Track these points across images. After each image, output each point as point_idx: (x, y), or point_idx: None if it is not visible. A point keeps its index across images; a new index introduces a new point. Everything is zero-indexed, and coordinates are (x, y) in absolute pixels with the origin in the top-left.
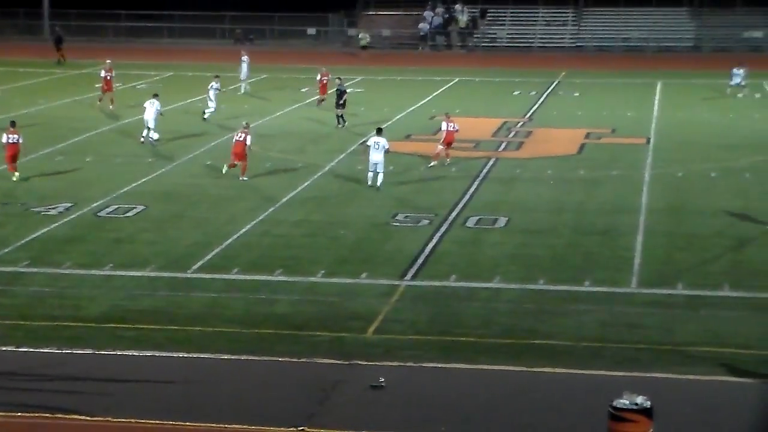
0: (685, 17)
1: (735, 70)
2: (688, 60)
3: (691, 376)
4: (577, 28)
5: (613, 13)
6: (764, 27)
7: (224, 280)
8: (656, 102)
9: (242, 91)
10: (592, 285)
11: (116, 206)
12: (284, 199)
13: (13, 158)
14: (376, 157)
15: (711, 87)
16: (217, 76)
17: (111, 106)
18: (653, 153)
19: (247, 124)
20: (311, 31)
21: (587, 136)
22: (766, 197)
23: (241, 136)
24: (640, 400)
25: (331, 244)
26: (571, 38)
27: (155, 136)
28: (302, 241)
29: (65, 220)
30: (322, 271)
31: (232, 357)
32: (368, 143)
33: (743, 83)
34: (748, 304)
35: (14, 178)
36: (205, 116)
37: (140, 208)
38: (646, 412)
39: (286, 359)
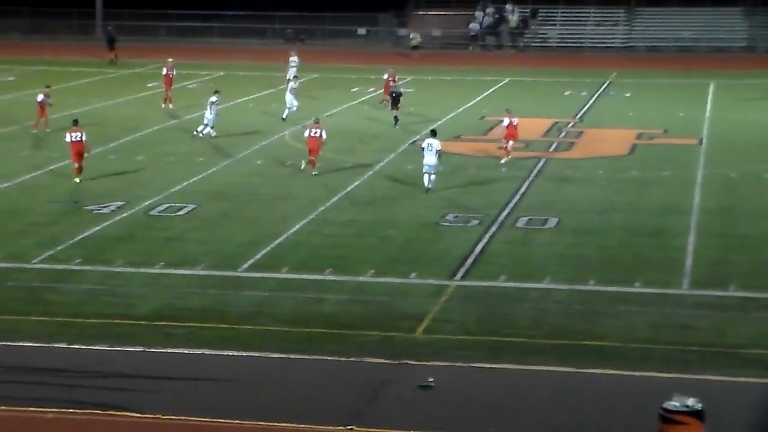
0: (738, 17)
1: None
2: (741, 60)
3: (742, 379)
4: (628, 28)
5: (665, 13)
6: None
7: (274, 279)
8: (709, 102)
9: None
10: (643, 286)
11: (167, 205)
12: (334, 199)
13: (78, 156)
14: (429, 159)
15: (764, 87)
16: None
17: (171, 105)
18: (705, 154)
19: (317, 119)
20: (361, 31)
21: (639, 136)
22: None
23: (316, 132)
24: (691, 402)
25: (380, 243)
26: (623, 38)
27: (211, 132)
28: (351, 240)
29: (117, 218)
30: (372, 271)
31: (282, 355)
32: (422, 145)
33: None
34: None
35: (77, 180)
36: (284, 116)
37: (191, 206)
38: (698, 415)
39: (335, 358)
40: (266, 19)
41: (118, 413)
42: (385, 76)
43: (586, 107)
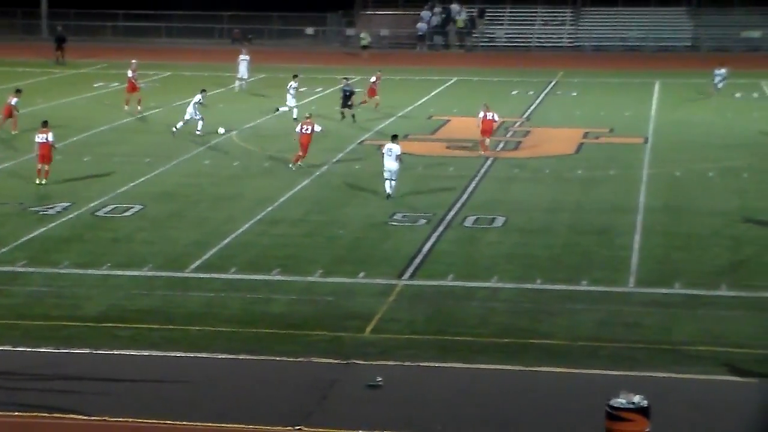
0: (683, 17)
1: (716, 71)
2: (686, 59)
3: (688, 376)
4: (575, 27)
5: (611, 13)
6: (762, 27)
7: (222, 280)
8: (654, 101)
9: (237, 89)
10: (590, 284)
11: (114, 206)
12: (282, 199)
13: (44, 158)
14: (390, 164)
15: (709, 86)
16: (295, 76)
17: (139, 107)
18: (651, 152)
19: (309, 114)
20: (309, 30)
21: (585, 135)
22: (763, 197)
23: (307, 129)
24: (637, 399)
25: (328, 243)
26: (569, 38)
27: (198, 129)
28: (300, 240)
29: (63, 219)
30: (320, 271)
31: (230, 356)
32: (382, 150)
33: (720, 85)
34: (745, 304)
35: (39, 182)
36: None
37: (138, 207)
38: (643, 411)
39: (284, 359)
40: (213, 19)
41: (65, 416)
42: (373, 79)
43: (533, 107)
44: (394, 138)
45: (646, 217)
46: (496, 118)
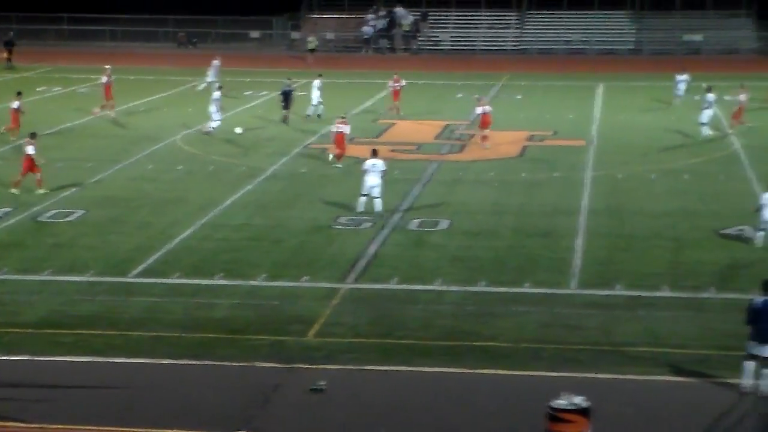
0: (625, 21)
1: (678, 77)
2: (628, 63)
3: (629, 376)
4: (519, 31)
5: (555, 17)
6: (703, 30)
7: (165, 285)
8: (597, 104)
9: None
10: (533, 286)
11: (56, 211)
12: (226, 203)
13: (25, 169)
14: (373, 180)
15: (651, 89)
16: (320, 74)
17: (112, 113)
18: (594, 155)
19: (344, 116)
20: (255, 34)
21: (529, 138)
22: (704, 199)
23: (340, 128)
24: (577, 400)
25: (272, 247)
26: (514, 41)
27: (213, 125)
28: (244, 244)
29: (4, 225)
30: (264, 275)
31: (172, 362)
32: (364, 166)
33: (682, 92)
34: (685, 305)
35: (12, 191)
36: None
37: (80, 212)
38: (584, 413)
39: (226, 363)
40: (158, 23)
41: (5, 423)
42: (390, 83)
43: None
44: (375, 153)
45: (589, 219)
46: (490, 109)
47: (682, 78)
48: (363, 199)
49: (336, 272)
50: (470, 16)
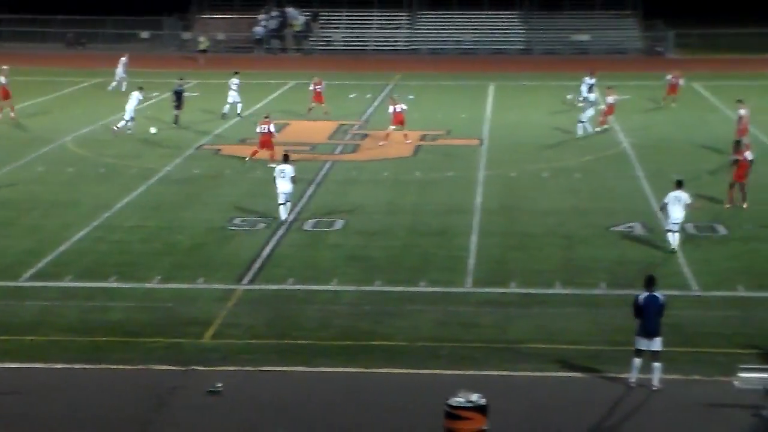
0: (516, 21)
1: (587, 79)
2: (519, 62)
3: (523, 373)
4: (411, 31)
5: (446, 17)
6: (590, 30)
7: (57, 288)
8: (489, 104)
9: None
10: (428, 285)
11: None
12: (119, 205)
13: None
14: (284, 186)
15: (541, 89)
16: (236, 72)
17: (12, 114)
18: (487, 154)
19: (267, 116)
20: (145, 34)
21: (422, 138)
22: (595, 196)
23: (264, 128)
24: (474, 397)
25: (167, 249)
26: (406, 41)
27: (127, 126)
28: (138, 246)
29: None
30: (158, 277)
31: (66, 366)
32: (274, 173)
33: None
34: (577, 301)
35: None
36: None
37: None
38: (480, 409)
39: (122, 367)
40: (46, 23)
41: None
42: (311, 86)
43: (371, 110)
44: (286, 159)
45: (482, 217)
46: (405, 107)
47: (591, 81)
48: (282, 208)
49: (232, 273)
50: (361, 16)
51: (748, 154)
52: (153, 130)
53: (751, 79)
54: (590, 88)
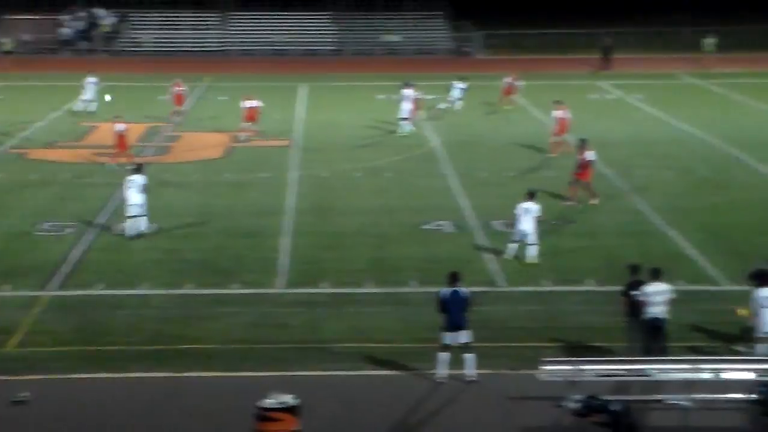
0: (327, 21)
1: (456, 83)
2: (331, 63)
3: (336, 372)
4: (222, 32)
5: (257, 18)
6: (401, 31)
7: None
8: (302, 105)
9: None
10: (241, 287)
11: None
12: None
13: None
14: (134, 197)
15: (352, 89)
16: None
17: None
18: (300, 154)
19: (118, 115)
20: None
21: (234, 139)
22: (405, 195)
23: (118, 128)
24: (285, 398)
25: None
26: (217, 42)
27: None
28: None
29: None
30: None
31: None
32: (125, 183)
33: (458, 101)
34: (388, 300)
35: None
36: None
37: None
38: (291, 410)
39: None
40: None
41: None
42: (174, 88)
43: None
44: (138, 169)
45: (295, 218)
46: (261, 104)
47: (460, 85)
48: (129, 222)
49: (38, 280)
50: (172, 16)
51: (589, 154)
52: (108, 97)
53: (559, 78)
54: (455, 92)
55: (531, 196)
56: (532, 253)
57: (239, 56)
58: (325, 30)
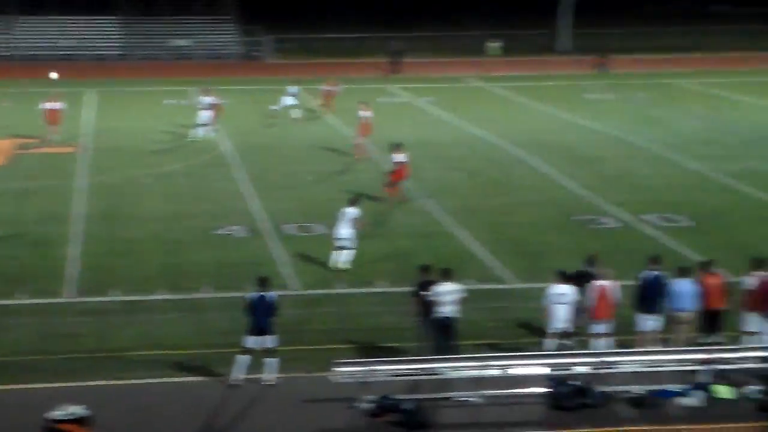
0: (114, 26)
1: (290, 89)
2: (118, 68)
3: (129, 381)
4: (7, 37)
5: (44, 22)
6: (190, 35)
7: None
8: (91, 110)
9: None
10: (28, 297)
11: None
12: None
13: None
14: None
15: (141, 94)
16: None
17: None
18: (89, 160)
19: None
20: None
21: (18, 147)
22: (197, 200)
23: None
24: (74, 409)
25: None
26: (1, 47)
27: None
28: None
29: None
30: None
31: None
32: None
33: (291, 105)
34: (181, 306)
35: None
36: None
37: None
38: (80, 422)
39: None
40: None
41: None
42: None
43: None
44: None
45: (85, 226)
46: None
47: (293, 90)
48: None
49: None
50: None
51: (401, 156)
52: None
53: (350, 82)
54: (288, 99)
55: (352, 202)
56: (345, 258)
57: (24, 61)
58: (111, 35)
